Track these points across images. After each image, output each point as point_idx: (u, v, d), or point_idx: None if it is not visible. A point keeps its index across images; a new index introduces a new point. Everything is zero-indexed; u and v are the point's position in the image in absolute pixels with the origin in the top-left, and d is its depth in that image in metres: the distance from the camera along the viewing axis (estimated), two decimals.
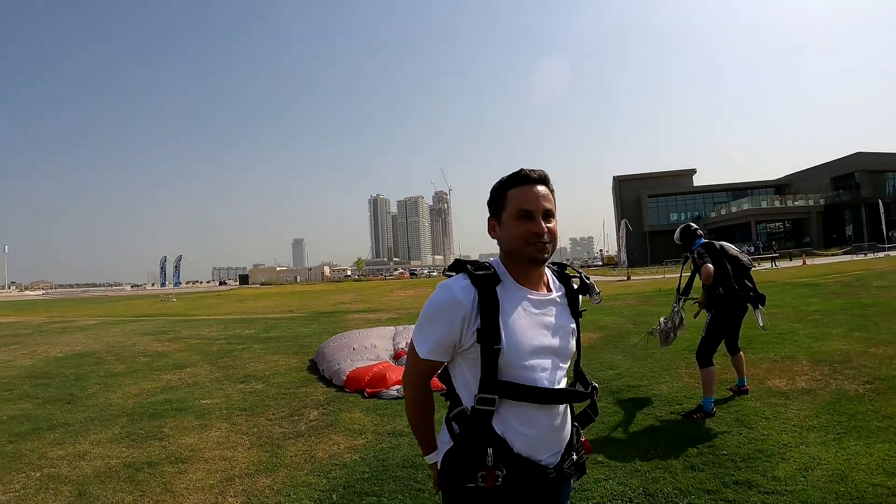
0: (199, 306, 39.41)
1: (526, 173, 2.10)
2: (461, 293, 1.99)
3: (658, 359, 9.51)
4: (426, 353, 2.06)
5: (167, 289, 67.08)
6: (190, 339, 17.21)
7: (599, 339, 12.29)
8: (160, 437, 6.91)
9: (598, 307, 19.29)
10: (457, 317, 1.97)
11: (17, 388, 10.39)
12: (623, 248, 67.83)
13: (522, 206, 2.06)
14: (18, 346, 17.37)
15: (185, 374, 11.07)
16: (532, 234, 2.03)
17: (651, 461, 5.21)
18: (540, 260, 2.07)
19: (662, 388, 7.76)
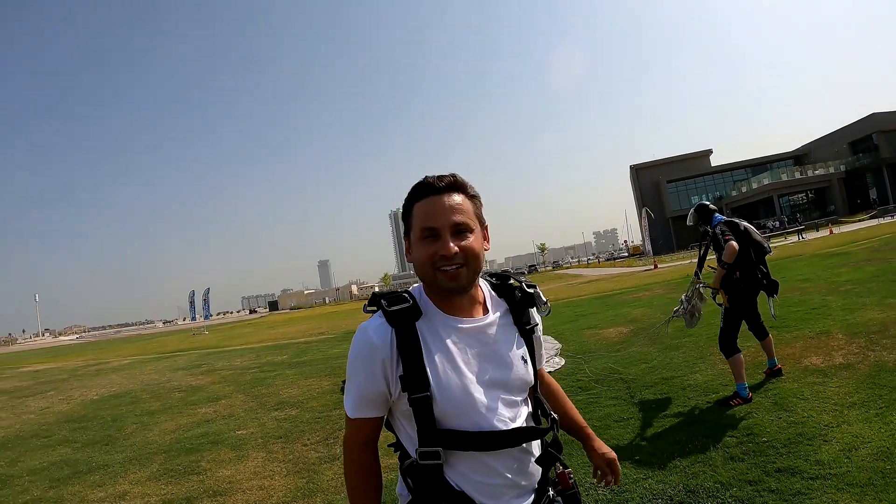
0: (230, 337, 39.58)
1: (430, 182, 1.78)
2: (375, 335, 1.70)
3: (690, 347, 9.40)
4: (354, 411, 1.76)
5: (198, 322, 67.57)
6: (223, 370, 17.27)
7: (630, 332, 12.20)
8: (198, 472, 6.93)
9: (627, 300, 19.17)
10: (375, 363, 1.68)
11: (56, 434, 10.46)
12: (647, 237, 67.50)
13: (426, 223, 1.74)
14: (55, 391, 17.48)
15: (220, 406, 11.09)
16: (439, 256, 1.70)
17: (690, 455, 5.13)
18: (455, 290, 1.74)
19: (697, 377, 7.65)
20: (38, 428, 11.34)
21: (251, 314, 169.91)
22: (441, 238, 1.71)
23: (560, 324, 15.65)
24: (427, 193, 1.76)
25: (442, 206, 1.73)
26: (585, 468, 5.15)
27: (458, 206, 1.75)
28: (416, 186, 1.80)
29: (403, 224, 1.87)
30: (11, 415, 13.62)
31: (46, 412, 13.34)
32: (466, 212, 1.76)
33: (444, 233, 1.71)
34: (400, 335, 1.68)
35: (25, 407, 14.75)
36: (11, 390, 19.53)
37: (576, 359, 10.08)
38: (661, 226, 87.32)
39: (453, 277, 1.70)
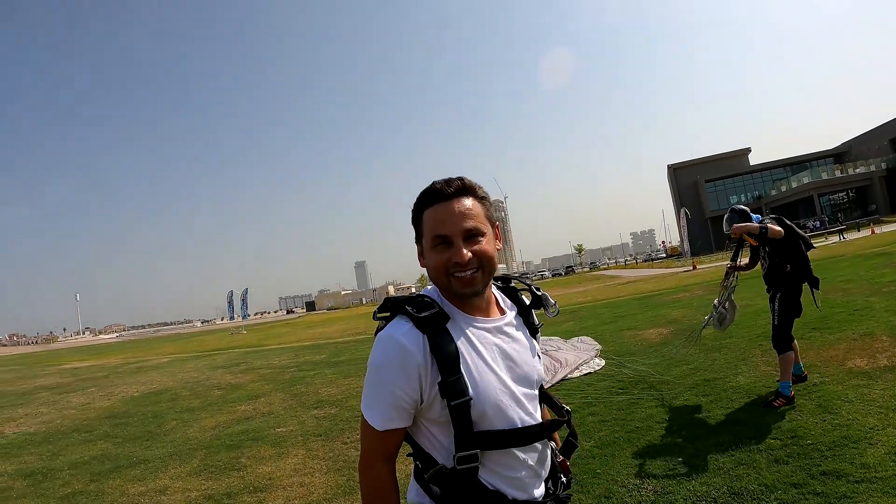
0: (268, 336, 39.92)
1: (438, 187, 1.75)
2: (408, 341, 1.64)
3: (732, 349, 9.27)
4: (383, 424, 1.68)
5: (236, 322, 68.10)
6: (262, 369, 17.43)
7: (671, 333, 12.10)
8: (238, 468, 6.97)
9: (666, 301, 19.01)
10: (410, 370, 1.63)
11: (97, 429, 10.61)
12: (685, 237, 66.93)
13: (437, 230, 1.71)
14: (96, 388, 17.75)
15: (259, 403, 11.17)
16: (453, 263, 1.69)
17: (734, 457, 5.05)
18: (469, 294, 1.73)
19: (740, 379, 7.52)
20: (80, 423, 11.52)
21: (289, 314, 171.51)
22: (454, 245, 1.69)
23: (599, 325, 15.60)
24: (436, 200, 1.74)
25: (452, 212, 1.71)
26: (628, 468, 5.12)
27: (469, 210, 1.73)
28: (425, 192, 1.78)
29: (414, 229, 1.84)
30: (53, 410, 13.84)
31: (87, 408, 13.54)
32: (477, 216, 1.74)
33: (456, 239, 1.69)
34: (434, 341, 1.64)
35: (67, 402, 14.97)
36: (53, 386, 19.87)
37: (616, 360, 9.97)
38: (700, 226, 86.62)
39: (468, 283, 1.70)
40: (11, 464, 8.66)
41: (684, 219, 64.25)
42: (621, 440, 5.89)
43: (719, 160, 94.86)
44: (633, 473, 5.02)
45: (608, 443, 5.86)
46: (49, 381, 22.58)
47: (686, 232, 65.56)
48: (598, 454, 5.60)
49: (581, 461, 5.46)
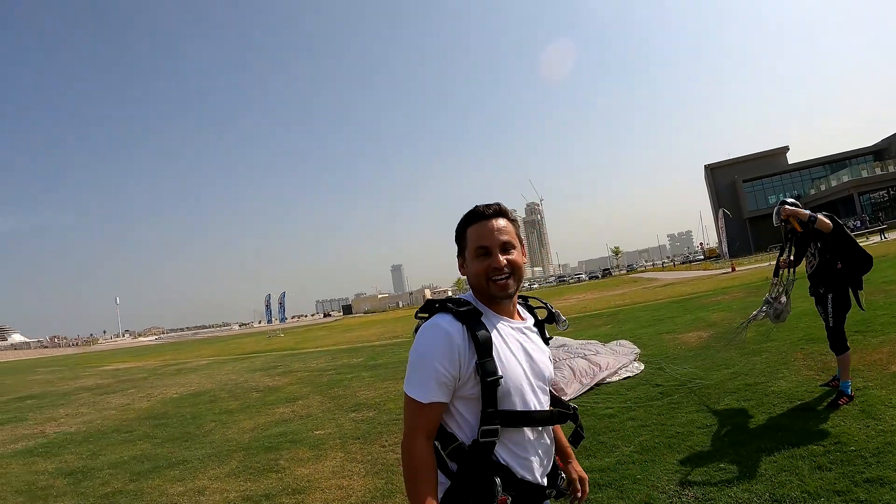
0: (305, 339, 40.19)
1: (480, 210, 2.17)
2: (451, 327, 2.00)
3: (773, 353, 9.12)
4: (428, 398, 1.98)
5: (274, 325, 68.68)
6: (299, 371, 17.54)
7: (710, 336, 11.97)
8: (276, 470, 7.01)
9: (705, 303, 18.83)
10: (453, 351, 1.96)
11: (137, 430, 10.75)
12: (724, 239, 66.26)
13: (479, 242, 2.11)
14: (136, 389, 18.01)
15: (298, 406, 11.23)
16: (492, 269, 2.07)
17: (775, 464, 4.97)
18: (503, 296, 2.11)
19: (781, 384, 7.41)
20: (119, 423, 11.69)
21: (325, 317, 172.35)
22: (492, 254, 2.09)
23: (638, 328, 15.51)
24: (478, 219, 2.16)
25: (491, 228, 2.12)
26: (669, 474, 5.06)
27: (504, 228, 2.13)
28: (469, 214, 2.20)
29: (457, 245, 2.27)
30: (93, 410, 14.05)
31: (127, 409, 13.72)
32: (510, 233, 2.14)
33: (494, 250, 2.09)
34: (470, 328, 1.99)
35: (107, 403, 15.20)
36: (93, 387, 20.17)
37: (655, 364, 9.91)
38: (738, 227, 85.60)
39: (503, 287, 2.09)
40: (52, 462, 8.80)
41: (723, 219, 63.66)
42: (661, 445, 5.83)
43: (757, 159, 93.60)
44: (673, 479, 4.97)
45: (648, 448, 5.81)
46: (89, 382, 22.94)
47: (724, 233, 64.96)
48: (638, 459, 5.55)
49: (621, 466, 5.43)
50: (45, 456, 9.33)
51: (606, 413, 7.35)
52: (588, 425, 6.89)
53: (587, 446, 6.12)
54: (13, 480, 8.01)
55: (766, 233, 75.77)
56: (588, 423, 7.00)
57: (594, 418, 7.20)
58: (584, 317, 23.25)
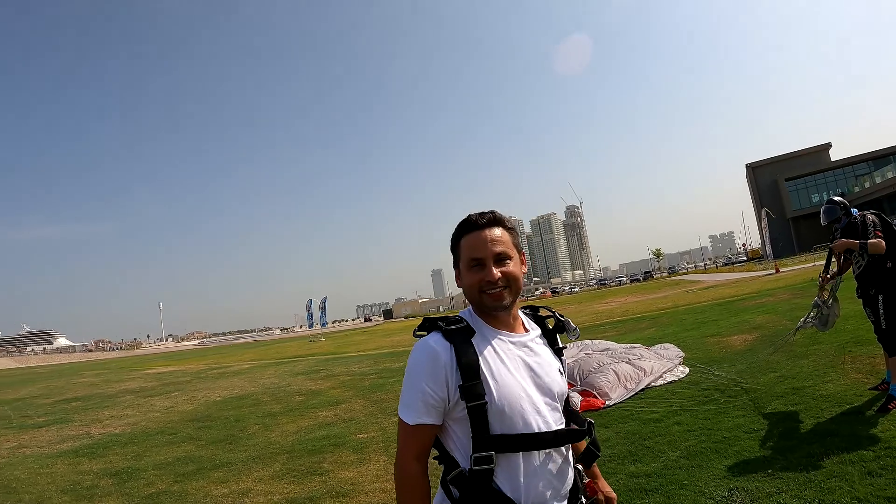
0: (347, 344, 40.44)
1: (473, 219, 2.05)
2: (438, 346, 1.91)
3: (820, 356, 8.95)
4: (415, 419, 1.89)
5: (315, 329, 69.15)
6: (342, 375, 17.64)
7: (755, 339, 11.77)
8: (320, 473, 7.04)
9: (749, 306, 18.60)
10: (439, 371, 1.88)
11: (181, 432, 10.89)
12: (767, 239, 65.30)
13: (472, 254, 2.01)
14: (179, 392, 18.23)
15: (340, 410, 11.28)
16: (485, 282, 1.97)
17: (825, 469, 4.87)
18: (499, 308, 2.00)
19: (829, 387, 7.26)
20: (164, 425, 11.85)
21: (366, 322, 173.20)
22: (486, 266, 1.98)
23: (682, 331, 15.38)
24: (471, 229, 2.04)
25: (485, 239, 2.00)
26: (717, 479, 4.99)
27: (498, 238, 2.02)
28: (462, 223, 2.08)
29: (452, 255, 2.13)
30: (138, 412, 14.26)
31: (171, 411, 13.91)
32: (505, 242, 2.02)
33: (488, 261, 1.98)
34: (458, 350, 1.89)
35: (151, 406, 15.43)
36: (138, 390, 20.49)
37: (700, 367, 9.78)
38: (782, 227, 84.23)
39: (497, 298, 1.98)
40: (97, 463, 8.95)
41: (765, 219, 62.61)
42: (708, 450, 5.75)
43: (799, 157, 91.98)
44: (721, 485, 4.90)
45: (695, 453, 5.74)
46: (133, 384, 23.28)
47: (767, 233, 63.85)
48: (685, 464, 5.49)
49: (668, 472, 5.37)
50: (90, 456, 9.48)
51: (652, 417, 7.28)
52: (633, 430, 6.88)
53: (633, 451, 6.09)
54: (59, 480, 8.16)
55: (810, 232, 74.66)
56: (633, 427, 6.98)
57: (639, 423, 7.15)
58: (626, 320, 23.17)
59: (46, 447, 10.79)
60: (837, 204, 6.67)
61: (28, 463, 9.47)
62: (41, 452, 10.31)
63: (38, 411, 17.04)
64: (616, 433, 6.85)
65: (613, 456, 6.05)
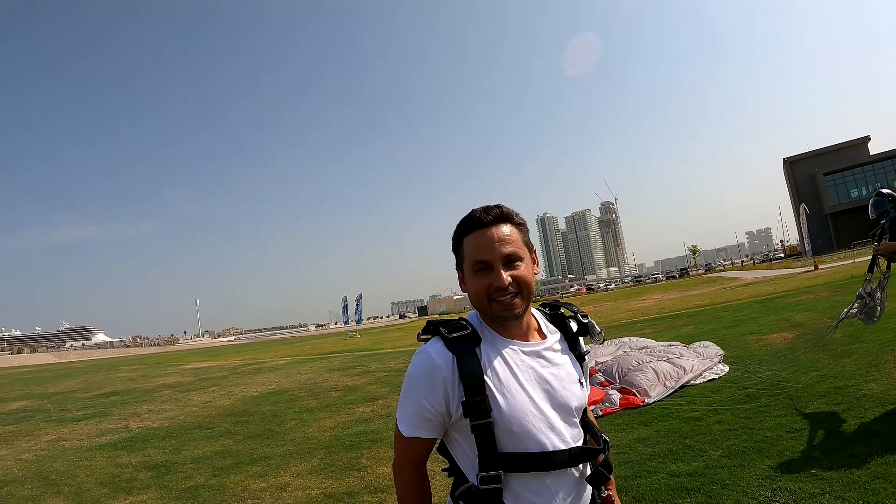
0: (382, 340, 40.65)
1: (478, 216, 1.82)
2: (438, 356, 1.73)
3: (862, 354, 8.82)
4: (409, 430, 1.77)
5: (350, 326, 69.57)
6: (378, 371, 17.69)
7: (796, 337, 11.61)
8: (358, 468, 7.08)
9: (789, 303, 18.41)
10: (437, 383, 1.72)
11: (219, 426, 11.01)
12: (805, 235, 64.60)
13: (478, 255, 1.78)
14: (216, 387, 18.41)
15: (378, 406, 11.34)
16: (494, 288, 1.75)
17: (869, 470, 4.78)
18: (509, 318, 1.79)
19: (872, 386, 7.13)
20: (201, 420, 12.00)
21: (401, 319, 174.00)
22: (494, 270, 1.76)
23: (720, 329, 15.23)
24: (476, 227, 1.81)
25: (492, 238, 1.78)
26: (759, 480, 4.94)
27: (507, 237, 1.79)
28: (464, 220, 1.86)
29: (455, 256, 1.92)
30: (176, 407, 14.45)
31: (208, 406, 14.05)
32: (515, 242, 1.80)
33: (496, 265, 1.76)
34: (461, 361, 1.71)
35: (189, 400, 15.62)
36: (175, 385, 20.74)
37: (740, 366, 9.67)
38: (820, 222, 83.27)
39: (509, 307, 1.76)
40: (136, 456, 9.09)
41: (803, 215, 62.01)
42: (750, 450, 5.68)
43: (837, 151, 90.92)
44: (764, 485, 4.84)
45: (737, 452, 5.68)
46: (171, 380, 23.56)
47: (805, 229, 63.24)
48: (726, 464, 5.43)
49: (709, 471, 5.32)
50: (128, 450, 9.63)
51: (692, 416, 7.21)
52: (674, 428, 6.82)
53: (673, 449, 6.05)
54: (98, 472, 8.31)
55: (849, 228, 73.60)
56: (673, 426, 6.93)
57: (679, 421, 7.09)
58: (663, 317, 23.03)
59: (85, 440, 10.99)
60: (886, 196, 6.56)
61: (67, 455, 9.65)
62: (80, 445, 10.50)
63: (77, 405, 17.36)
64: (656, 431, 6.81)
65: (654, 454, 6.01)
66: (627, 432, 6.95)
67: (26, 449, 10.65)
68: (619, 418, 7.66)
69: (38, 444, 11.02)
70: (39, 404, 18.68)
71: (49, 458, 9.65)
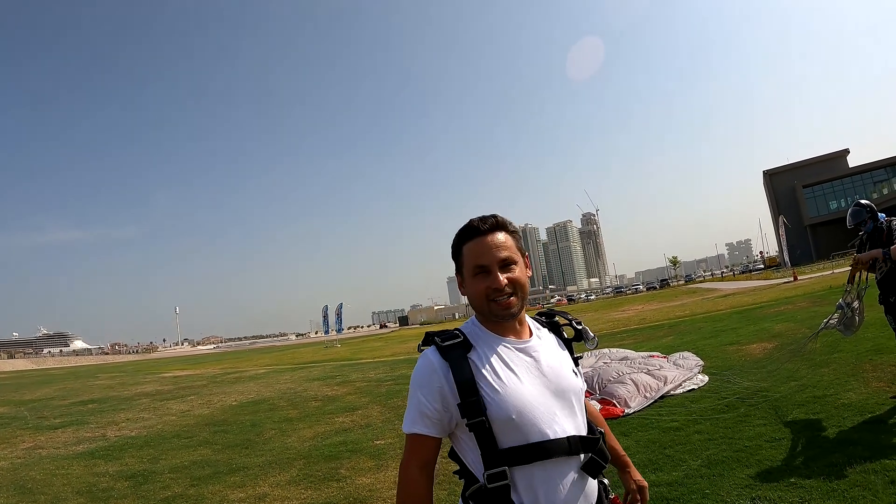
0: (362, 350, 40.59)
1: (475, 224, 2.01)
2: (435, 359, 1.89)
3: (841, 364, 8.90)
4: (409, 426, 1.90)
5: (331, 335, 69.38)
6: (358, 381, 17.60)
7: (774, 347, 11.69)
8: (337, 479, 7.04)
9: (768, 314, 18.51)
10: (434, 381, 1.86)
11: (197, 436, 10.93)
12: (784, 247, 64.99)
13: (477, 261, 1.96)
14: (195, 396, 18.29)
15: (357, 416, 11.28)
16: (492, 290, 1.93)
17: (847, 479, 4.82)
18: (507, 316, 1.96)
19: (850, 395, 7.21)
20: (180, 429, 11.92)
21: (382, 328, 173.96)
22: (491, 273, 1.93)
23: (700, 339, 15.30)
24: (474, 235, 1.99)
25: (489, 245, 1.96)
26: (738, 489, 4.95)
27: (503, 243, 1.97)
28: (463, 229, 2.03)
29: (454, 262, 2.08)
30: (154, 416, 14.35)
31: (187, 415, 13.96)
32: (510, 247, 1.98)
33: (493, 268, 1.94)
34: (454, 367, 1.85)
35: (167, 409, 15.52)
36: (154, 393, 20.61)
37: (719, 376, 9.72)
38: (799, 234, 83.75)
39: (506, 306, 1.93)
40: (113, 465, 9.02)
41: (783, 227, 62.30)
42: (730, 459, 5.71)
43: (816, 163, 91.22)
44: (743, 494, 4.86)
45: (716, 462, 5.70)
46: (149, 388, 23.40)
47: (785, 241, 63.55)
48: (706, 473, 5.44)
49: (689, 480, 5.33)
50: (106, 459, 9.55)
51: (672, 426, 7.23)
52: (653, 438, 6.84)
53: (653, 459, 6.06)
54: (74, 481, 8.23)
55: (828, 240, 74.09)
56: (653, 436, 6.95)
57: (659, 431, 7.11)
58: (644, 328, 23.13)
59: (62, 448, 10.89)
60: (864, 207, 6.65)
61: (44, 464, 9.56)
62: (57, 454, 10.40)
63: (55, 412, 17.19)
64: (636, 442, 6.81)
65: (634, 464, 5.98)
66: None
67: (2, 457, 10.53)
68: None
69: (14, 452, 10.91)
70: (16, 411, 18.48)
71: (25, 466, 9.55)
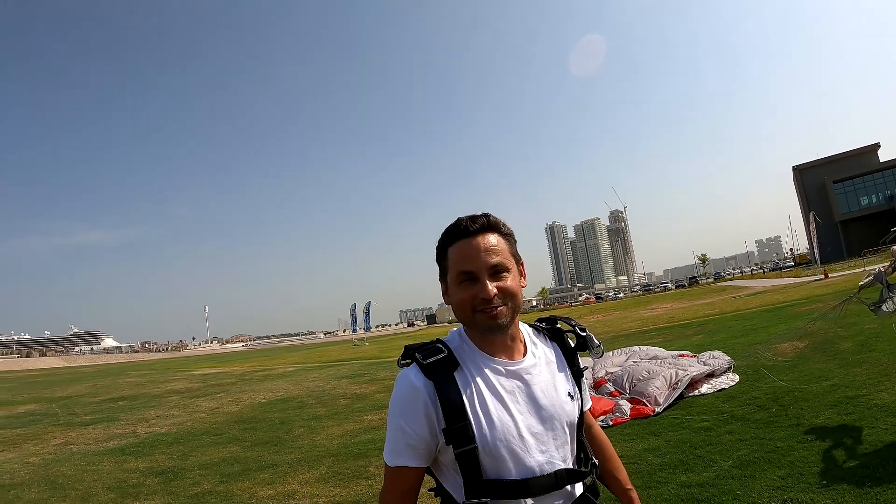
0: (391, 348, 40.55)
1: (464, 224, 1.74)
2: (417, 380, 1.65)
3: (873, 364, 8.76)
4: (393, 458, 1.67)
5: (359, 333, 69.55)
6: (386, 380, 17.57)
7: (806, 347, 11.52)
8: (366, 477, 7.06)
9: (799, 312, 18.31)
10: (418, 410, 1.63)
11: (227, 433, 11.01)
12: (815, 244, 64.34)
13: (462, 266, 1.70)
14: (225, 394, 18.39)
15: (386, 414, 11.14)
16: (479, 300, 1.67)
17: (882, 482, 4.72)
18: (495, 329, 1.70)
19: (884, 396, 7.08)
20: (209, 426, 12.00)
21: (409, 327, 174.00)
22: (479, 281, 1.68)
23: (730, 338, 15.15)
24: (461, 236, 1.73)
25: (477, 248, 1.70)
26: (770, 490, 4.89)
27: (494, 247, 1.72)
28: (449, 229, 1.77)
29: (438, 266, 1.83)
30: (184, 413, 14.47)
31: (216, 412, 14.06)
32: (502, 252, 1.73)
33: (481, 275, 1.68)
34: (439, 388, 1.63)
35: (196, 406, 15.63)
36: (183, 391, 20.75)
37: (750, 375, 9.62)
38: (830, 231, 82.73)
39: (494, 316, 1.67)
40: (143, 462, 9.12)
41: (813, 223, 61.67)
42: (761, 460, 5.65)
43: (847, 158, 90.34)
44: (775, 496, 4.80)
45: (747, 463, 5.64)
46: (179, 385, 23.56)
47: (815, 238, 62.94)
48: (737, 474, 5.39)
49: (720, 481, 5.29)
50: (136, 455, 9.66)
51: (703, 426, 7.18)
52: (684, 438, 6.79)
53: (684, 460, 6.01)
54: (105, 477, 8.33)
55: (859, 236, 73.17)
56: (684, 436, 6.90)
57: (690, 431, 7.06)
58: (672, 326, 22.93)
59: (93, 445, 11.02)
60: None
61: (75, 460, 9.68)
62: (88, 450, 10.53)
63: (85, 409, 17.40)
64: (666, 442, 6.77)
65: (664, 465, 5.98)
66: (637, 442, 6.93)
67: (34, 452, 10.68)
68: (629, 428, 7.64)
69: (46, 448, 11.06)
70: (47, 408, 18.72)
71: (56, 461, 9.68)
